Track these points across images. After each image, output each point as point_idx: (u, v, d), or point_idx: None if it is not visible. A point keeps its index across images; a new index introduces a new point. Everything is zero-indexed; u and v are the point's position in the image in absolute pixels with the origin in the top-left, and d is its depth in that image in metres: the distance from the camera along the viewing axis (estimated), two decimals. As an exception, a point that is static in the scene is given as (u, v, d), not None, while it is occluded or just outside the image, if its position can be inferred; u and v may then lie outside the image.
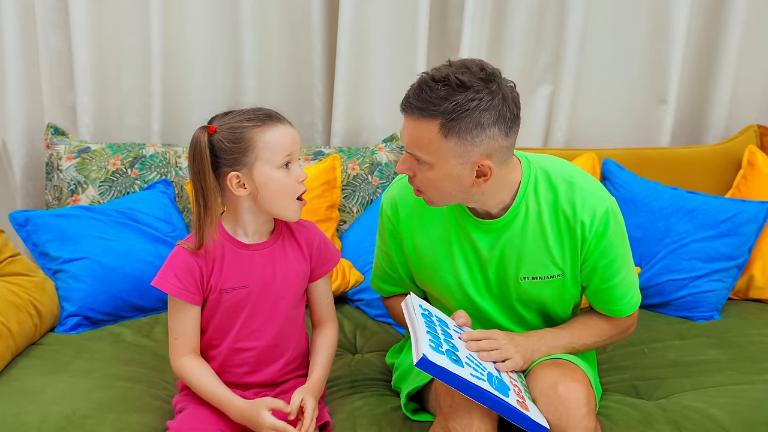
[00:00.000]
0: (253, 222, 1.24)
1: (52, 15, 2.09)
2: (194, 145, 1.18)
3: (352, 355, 1.61)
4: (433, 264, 1.32)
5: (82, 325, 1.65)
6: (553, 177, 1.26)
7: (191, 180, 1.20)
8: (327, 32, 2.15)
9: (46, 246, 1.71)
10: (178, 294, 1.21)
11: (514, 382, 1.18)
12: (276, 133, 1.18)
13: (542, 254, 1.26)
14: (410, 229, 1.33)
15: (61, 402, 1.29)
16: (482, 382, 1.10)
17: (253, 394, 1.27)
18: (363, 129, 2.18)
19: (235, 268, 1.23)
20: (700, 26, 2.15)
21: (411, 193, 1.31)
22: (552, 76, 2.18)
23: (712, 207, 1.81)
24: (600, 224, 1.23)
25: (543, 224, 1.25)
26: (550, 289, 1.29)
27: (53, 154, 1.95)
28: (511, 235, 1.26)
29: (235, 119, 1.19)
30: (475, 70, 1.13)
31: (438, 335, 1.15)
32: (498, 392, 1.10)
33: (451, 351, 1.13)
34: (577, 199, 1.24)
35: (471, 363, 1.14)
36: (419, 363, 1.07)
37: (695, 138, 2.24)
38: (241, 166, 1.18)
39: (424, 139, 1.14)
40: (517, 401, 1.12)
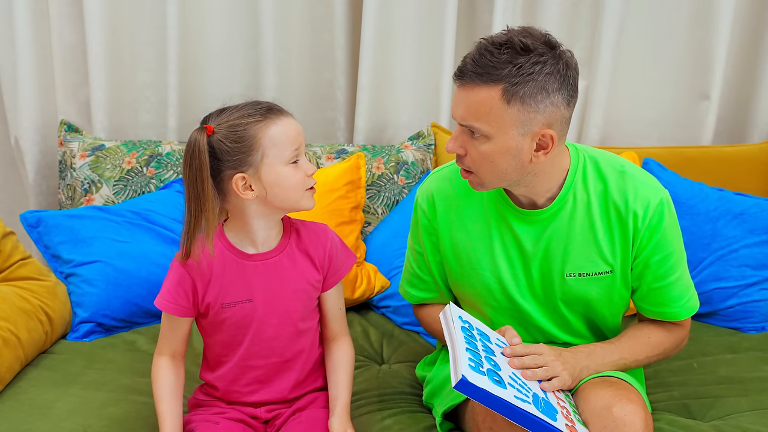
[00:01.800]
0: (263, 227, 1.15)
1: (66, 8, 2.03)
2: (192, 149, 1.07)
3: (378, 366, 1.52)
4: (472, 262, 1.23)
5: (95, 332, 1.57)
6: (603, 166, 1.19)
7: (185, 186, 1.10)
8: (350, 25, 2.06)
9: (58, 248, 1.64)
10: (167, 308, 1.14)
11: (561, 403, 1.09)
12: (280, 126, 1.09)
13: (590, 248, 1.18)
14: (447, 224, 1.25)
15: (72, 418, 1.21)
16: (527, 405, 1.00)
17: (266, 411, 1.19)
18: (388, 126, 2.09)
19: (237, 281, 1.14)
20: (746, 16, 2.03)
21: (448, 185, 1.24)
22: (587, 70, 2.08)
23: (763, 210, 1.70)
24: (654, 216, 1.16)
25: (592, 215, 1.17)
26: (598, 288, 1.20)
27: (66, 152, 1.88)
28: (557, 227, 1.18)
29: (233, 116, 1.09)
30: (537, 34, 1.08)
31: (479, 352, 1.05)
32: (545, 416, 1.01)
33: (493, 370, 1.03)
34: (629, 188, 1.16)
35: (515, 383, 1.04)
36: (458, 385, 0.97)
37: (739, 136, 2.12)
38: (246, 167, 1.08)
39: (484, 106, 1.07)
40: (566, 425, 1.02)
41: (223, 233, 1.15)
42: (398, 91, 2.06)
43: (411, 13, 2.01)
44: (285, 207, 1.13)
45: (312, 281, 1.18)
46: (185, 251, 1.10)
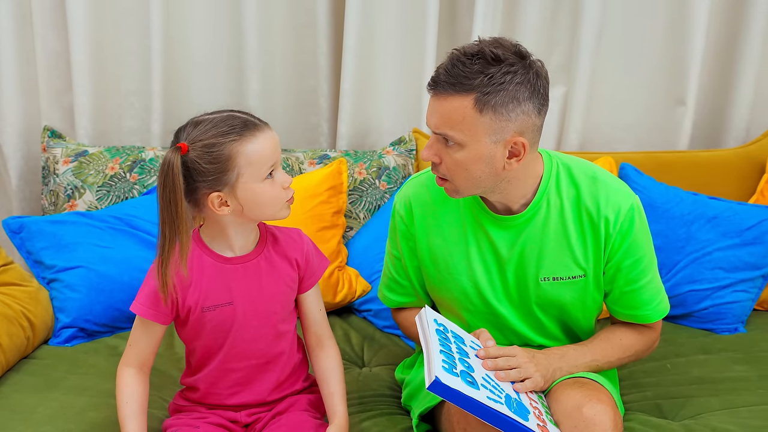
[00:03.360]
0: (239, 233, 1.16)
1: (49, 15, 2.03)
2: (166, 170, 1.04)
3: (359, 368, 1.54)
4: (449, 267, 1.25)
5: (77, 337, 1.58)
6: (575, 172, 1.22)
7: (159, 207, 1.07)
8: (333, 32, 2.09)
9: (40, 254, 1.64)
10: (144, 313, 1.14)
11: (534, 404, 1.11)
12: (257, 144, 1.08)
13: (564, 253, 1.21)
14: (424, 229, 1.27)
15: (53, 423, 1.22)
16: (500, 406, 1.03)
17: (246, 415, 1.20)
18: (370, 131, 2.11)
19: (216, 285, 1.15)
20: (720, 24, 2.08)
21: (426, 191, 1.27)
22: (565, 76, 2.12)
23: (736, 214, 1.74)
24: (625, 221, 1.19)
25: (565, 221, 1.20)
26: (571, 292, 1.23)
27: (50, 158, 1.89)
28: (531, 233, 1.21)
29: (208, 134, 1.07)
30: (508, 45, 1.10)
31: (452, 354, 1.08)
32: (517, 416, 1.03)
33: (466, 372, 1.05)
34: (600, 194, 1.20)
35: (487, 384, 1.07)
36: (431, 386, 1.00)
37: (715, 141, 2.16)
38: (222, 186, 1.08)
39: (457, 115, 1.09)
40: (537, 425, 1.05)
41: (200, 238, 1.16)
42: (380, 97, 2.08)
43: (393, 21, 2.04)
44: (261, 218, 1.14)
45: (290, 283, 1.20)
46: (161, 279, 1.09)
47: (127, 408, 1.13)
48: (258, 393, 1.20)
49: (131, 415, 1.12)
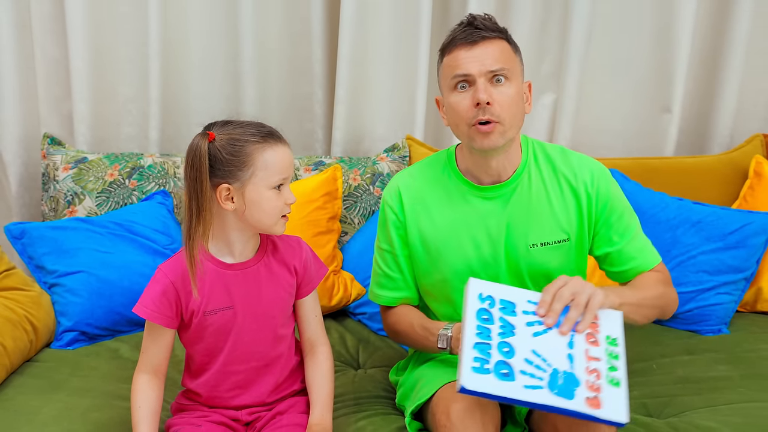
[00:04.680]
0: (239, 239, 1.21)
1: (48, 23, 2.06)
2: (193, 152, 1.14)
3: (354, 370, 1.58)
4: (439, 249, 1.32)
5: (78, 340, 1.62)
6: (547, 148, 1.36)
7: (186, 187, 1.16)
8: (327, 40, 2.13)
9: (42, 259, 1.68)
10: (152, 317, 1.18)
11: (595, 362, 1.08)
12: (276, 153, 1.16)
13: (548, 218, 1.31)
14: (414, 215, 1.34)
15: (57, 423, 1.26)
16: (537, 392, 1.03)
17: (247, 414, 1.24)
18: (364, 137, 2.15)
19: (218, 289, 1.20)
20: (705, 34, 2.13)
21: (413, 180, 1.36)
22: (555, 84, 2.16)
23: (720, 218, 1.79)
24: (601, 180, 1.32)
25: (547, 188, 1.31)
26: (558, 257, 1.32)
27: (49, 165, 1.92)
28: (517, 201, 1.31)
29: (236, 131, 1.15)
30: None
31: (491, 341, 1.08)
32: (558, 398, 1.02)
33: (503, 361, 1.05)
34: (573, 162, 1.33)
35: (529, 367, 1.06)
36: (460, 391, 1.03)
37: (700, 147, 2.22)
38: (234, 180, 1.14)
39: (506, 53, 1.25)
40: (586, 399, 1.03)
41: (203, 245, 1.20)
42: (374, 104, 2.12)
43: (386, 29, 2.08)
44: (257, 227, 1.19)
45: (288, 289, 1.24)
46: (189, 249, 1.14)
47: (140, 412, 1.17)
48: (258, 395, 1.24)
49: (143, 419, 1.16)
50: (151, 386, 1.19)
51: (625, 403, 1.05)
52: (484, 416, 1.13)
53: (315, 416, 1.21)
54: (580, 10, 2.04)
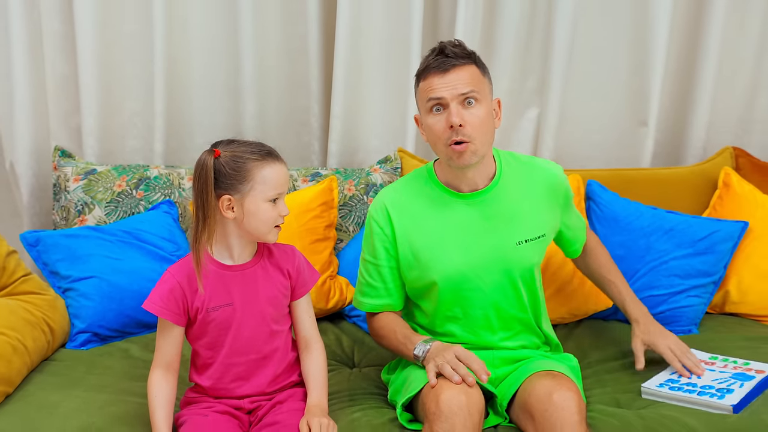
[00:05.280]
0: (238, 244, 1.35)
1: (59, 41, 2.17)
2: (200, 166, 1.28)
3: (350, 369, 1.69)
4: (429, 257, 1.44)
5: (91, 341, 1.72)
6: (516, 156, 1.55)
7: (194, 197, 1.30)
8: (323, 57, 2.24)
9: (56, 265, 1.78)
10: (161, 314, 1.31)
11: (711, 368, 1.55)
12: (273, 170, 1.30)
13: (527, 217, 1.47)
14: (403, 228, 1.46)
15: (78, 416, 1.37)
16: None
17: (249, 403, 1.37)
18: (358, 150, 2.27)
19: (219, 288, 1.33)
20: (679, 54, 2.26)
21: (398, 194, 1.48)
22: (539, 99, 2.28)
23: (690, 226, 1.91)
24: (564, 180, 1.54)
25: (522, 191, 1.48)
26: (538, 251, 1.50)
27: (61, 176, 2.03)
28: (498, 204, 1.45)
29: (239, 149, 1.30)
30: None
31: (689, 382, 1.50)
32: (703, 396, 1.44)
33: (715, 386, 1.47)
34: (540, 166, 1.53)
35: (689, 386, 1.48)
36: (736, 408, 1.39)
37: (675, 159, 2.34)
38: (235, 192, 1.29)
39: (475, 78, 1.39)
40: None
41: (206, 248, 1.33)
42: (368, 118, 2.23)
43: (378, 47, 2.19)
44: (253, 234, 1.33)
45: (282, 290, 1.38)
46: (195, 251, 1.29)
47: (156, 401, 1.30)
48: (258, 385, 1.37)
49: (159, 408, 1.29)
50: (165, 380, 1.32)
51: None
52: (470, 402, 1.25)
53: (313, 399, 1.35)
54: (562, 30, 2.16)
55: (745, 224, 1.91)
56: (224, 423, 1.30)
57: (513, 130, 2.33)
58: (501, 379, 1.46)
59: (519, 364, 1.47)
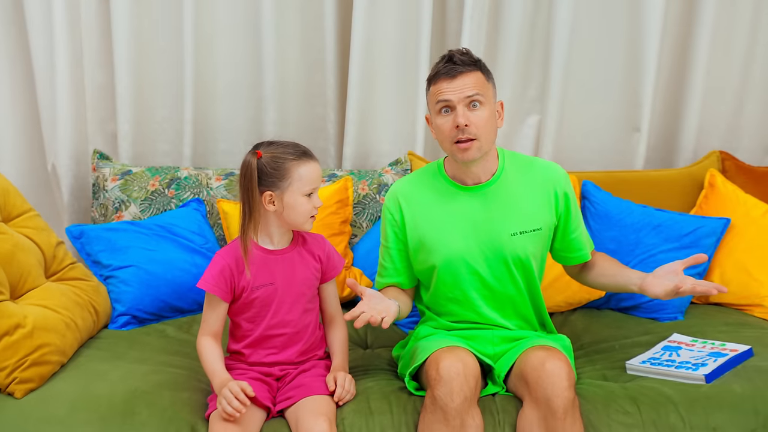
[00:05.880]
0: (277, 232, 1.54)
1: (96, 55, 2.36)
2: (246, 166, 1.47)
3: (363, 350, 1.87)
4: (433, 242, 1.61)
5: (131, 323, 1.91)
6: (519, 156, 1.68)
7: (240, 193, 1.48)
8: (339, 68, 2.41)
9: (98, 255, 1.97)
10: (213, 291, 1.49)
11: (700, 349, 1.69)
12: (309, 167, 1.48)
13: (525, 211, 1.60)
14: (412, 216, 1.63)
15: (125, 382, 1.55)
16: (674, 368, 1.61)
17: (278, 370, 1.54)
18: (371, 154, 2.44)
19: (263, 269, 1.51)
20: (670, 64, 2.43)
21: (409, 186, 1.66)
22: (539, 106, 2.45)
23: (677, 222, 2.07)
24: (566, 183, 1.65)
25: (522, 187, 1.61)
26: (533, 244, 1.62)
27: (99, 176, 2.22)
28: (498, 197, 1.60)
29: (278, 150, 1.48)
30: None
31: (669, 358, 1.65)
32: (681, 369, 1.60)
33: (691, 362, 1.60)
34: (542, 167, 1.65)
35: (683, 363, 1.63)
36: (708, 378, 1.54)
37: (667, 162, 2.50)
38: (275, 188, 1.47)
39: (479, 82, 1.54)
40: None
41: (252, 236, 1.51)
42: (380, 125, 2.41)
43: (390, 60, 2.37)
44: (292, 224, 1.52)
45: (315, 272, 1.56)
46: (243, 239, 1.47)
47: (210, 356, 1.48)
48: (288, 355, 1.55)
49: (214, 359, 1.48)
50: (212, 343, 1.50)
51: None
52: (466, 369, 1.42)
53: (337, 363, 1.54)
54: (560, 42, 2.33)
55: (727, 221, 2.06)
56: (256, 386, 1.47)
57: (515, 135, 2.50)
58: (500, 355, 1.62)
59: (516, 343, 1.63)
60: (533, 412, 1.43)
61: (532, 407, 1.43)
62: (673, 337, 1.79)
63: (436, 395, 1.41)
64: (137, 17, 2.31)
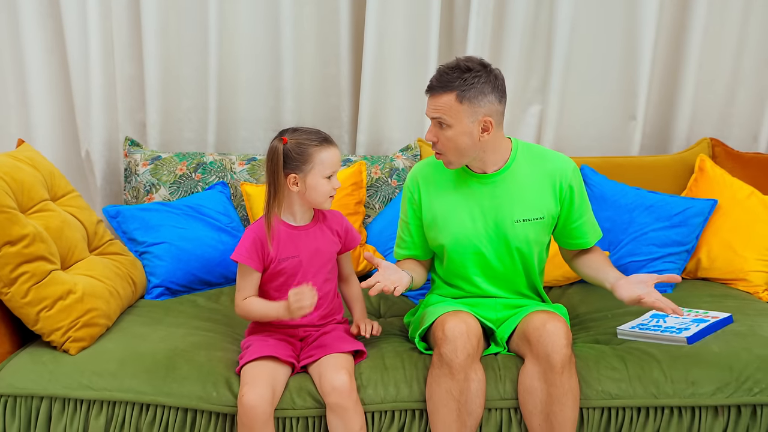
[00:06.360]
0: (300, 210, 1.70)
1: (126, 49, 2.51)
2: (272, 151, 1.62)
3: (377, 318, 2.04)
4: (445, 221, 1.77)
5: (164, 294, 2.08)
6: (533, 148, 1.79)
7: (266, 176, 1.64)
8: (353, 62, 2.56)
9: (133, 233, 2.15)
10: (246, 262, 1.65)
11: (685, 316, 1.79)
12: (329, 153, 1.64)
13: (530, 200, 1.73)
14: (428, 195, 1.79)
15: (165, 342, 1.73)
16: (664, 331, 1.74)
17: (302, 332, 1.71)
18: (383, 141, 2.60)
19: (288, 243, 1.68)
20: (665, 55, 2.57)
21: (429, 168, 1.80)
22: (541, 97, 2.60)
23: (668, 203, 2.23)
24: (573, 176, 1.75)
25: (529, 178, 1.74)
26: (534, 231, 1.75)
27: (131, 162, 2.39)
28: (505, 186, 1.73)
29: (301, 136, 1.63)
30: (475, 59, 1.67)
31: (655, 324, 1.76)
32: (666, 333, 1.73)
33: (676, 326, 1.73)
34: (553, 160, 1.76)
35: (663, 325, 1.76)
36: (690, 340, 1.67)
37: (661, 148, 2.65)
38: (299, 171, 1.63)
39: (446, 106, 1.62)
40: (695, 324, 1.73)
41: (277, 214, 1.66)
42: (391, 113, 2.56)
43: (401, 53, 2.52)
44: (313, 203, 1.68)
45: (334, 246, 1.74)
46: (267, 218, 1.64)
47: (258, 303, 1.66)
48: (311, 319, 1.72)
49: (263, 304, 1.65)
50: (253, 297, 1.68)
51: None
52: (469, 330, 1.59)
53: (357, 314, 1.75)
54: (561, 36, 2.48)
55: (714, 202, 2.22)
56: (282, 346, 1.64)
57: (519, 124, 2.65)
58: (502, 320, 1.78)
59: (518, 309, 1.79)
60: (534, 367, 1.60)
61: (533, 363, 1.60)
62: None
63: (442, 352, 1.58)
64: (165, 13, 2.46)
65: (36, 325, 1.67)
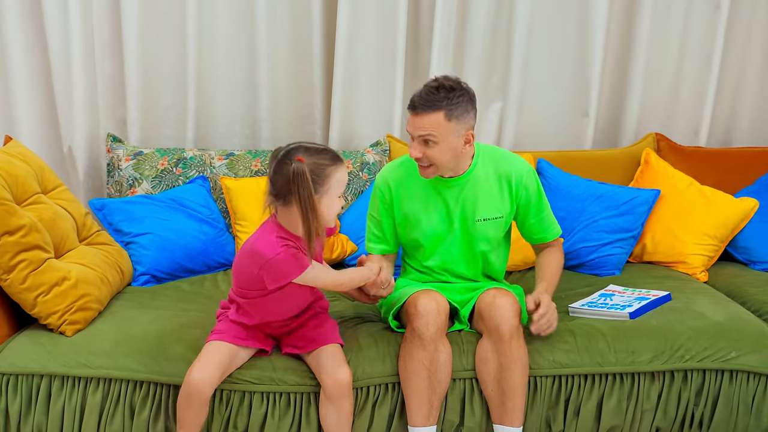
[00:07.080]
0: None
1: (108, 48, 2.60)
2: (297, 174, 1.52)
3: (351, 301, 2.19)
4: (416, 220, 1.92)
5: (150, 281, 2.21)
6: (492, 152, 1.93)
7: (299, 204, 1.54)
8: (325, 62, 2.69)
9: (119, 224, 2.26)
10: (304, 269, 1.61)
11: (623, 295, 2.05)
12: (342, 172, 1.62)
13: (490, 201, 1.89)
14: (399, 197, 1.94)
15: (154, 323, 1.86)
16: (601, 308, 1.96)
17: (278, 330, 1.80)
18: (354, 137, 2.75)
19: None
20: (614, 57, 2.77)
21: (400, 170, 1.93)
22: (501, 94, 2.77)
23: (616, 193, 2.43)
24: (527, 178, 1.90)
25: (490, 181, 1.89)
26: (494, 230, 1.91)
27: (114, 157, 2.49)
28: (469, 188, 1.89)
29: (317, 157, 1.58)
30: (454, 79, 1.78)
31: (603, 302, 1.98)
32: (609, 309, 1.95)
33: (621, 304, 1.96)
34: (510, 162, 1.90)
35: (609, 302, 1.98)
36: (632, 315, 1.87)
37: (612, 142, 2.86)
38: (316, 193, 1.57)
39: (434, 125, 1.73)
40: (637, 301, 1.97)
41: (278, 222, 1.64)
42: (362, 110, 2.70)
43: (371, 53, 2.66)
44: (322, 223, 1.61)
45: (321, 242, 1.76)
46: (310, 249, 1.59)
47: (345, 272, 1.76)
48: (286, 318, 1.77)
49: (353, 272, 1.76)
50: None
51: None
52: (438, 306, 1.76)
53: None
54: (520, 37, 2.65)
55: (657, 192, 2.43)
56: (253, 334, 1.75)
57: (481, 120, 2.82)
58: (465, 301, 1.96)
59: (478, 290, 1.97)
60: (487, 340, 1.78)
61: (487, 336, 1.78)
62: (609, 287, 2.14)
63: (414, 326, 1.74)
64: (144, 13, 2.56)
65: (34, 309, 1.79)
